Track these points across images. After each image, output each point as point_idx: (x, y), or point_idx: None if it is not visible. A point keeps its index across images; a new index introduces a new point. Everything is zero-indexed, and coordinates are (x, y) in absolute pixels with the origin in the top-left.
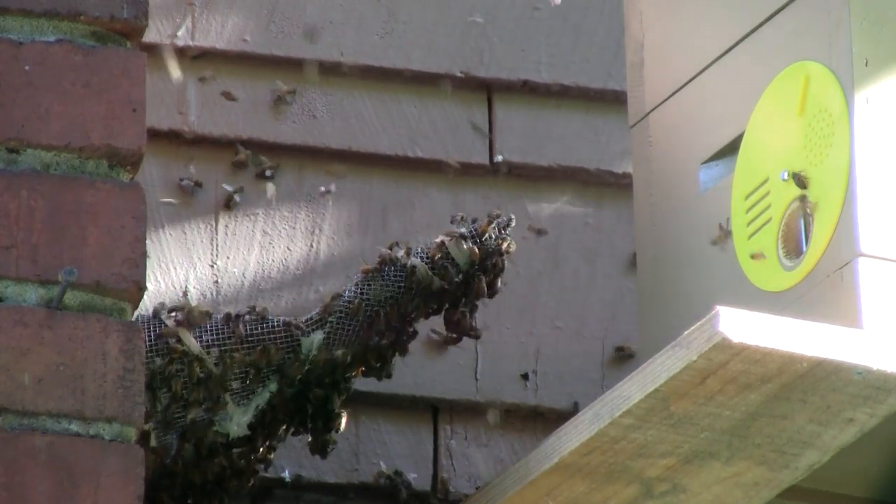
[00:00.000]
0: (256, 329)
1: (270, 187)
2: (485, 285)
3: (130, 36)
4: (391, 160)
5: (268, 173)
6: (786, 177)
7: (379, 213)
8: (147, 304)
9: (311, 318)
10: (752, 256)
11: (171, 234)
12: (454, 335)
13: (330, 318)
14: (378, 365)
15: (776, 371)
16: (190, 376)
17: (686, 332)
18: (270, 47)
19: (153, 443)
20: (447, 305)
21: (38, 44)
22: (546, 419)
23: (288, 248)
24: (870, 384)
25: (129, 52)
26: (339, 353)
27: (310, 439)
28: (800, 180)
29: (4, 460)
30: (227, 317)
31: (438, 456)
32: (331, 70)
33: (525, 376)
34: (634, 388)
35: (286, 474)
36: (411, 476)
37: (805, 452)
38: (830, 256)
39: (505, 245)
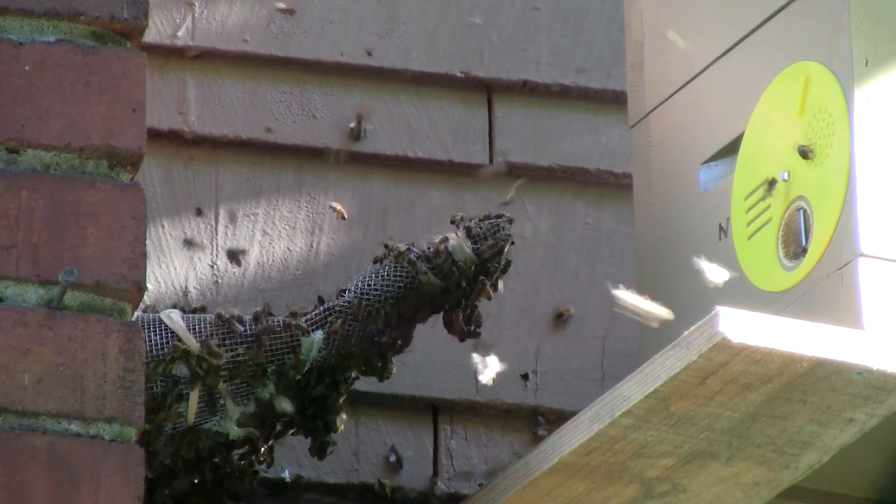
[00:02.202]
0: (255, 328)
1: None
2: (490, 288)
3: (130, 36)
4: (391, 160)
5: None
6: (786, 177)
7: (379, 213)
8: (146, 304)
9: (311, 318)
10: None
11: (171, 234)
12: (458, 336)
13: (330, 318)
14: (378, 365)
15: (776, 371)
16: (191, 376)
17: (686, 332)
18: (270, 47)
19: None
20: (447, 306)
21: (38, 44)
22: (546, 419)
23: (288, 249)
24: (870, 384)
25: (129, 52)
26: (351, 354)
27: (309, 441)
28: (804, 153)
29: (4, 460)
30: (219, 316)
31: (438, 456)
32: (332, 70)
33: (525, 376)
34: (634, 388)
35: (286, 474)
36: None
37: (805, 452)
38: (830, 256)
39: (506, 246)
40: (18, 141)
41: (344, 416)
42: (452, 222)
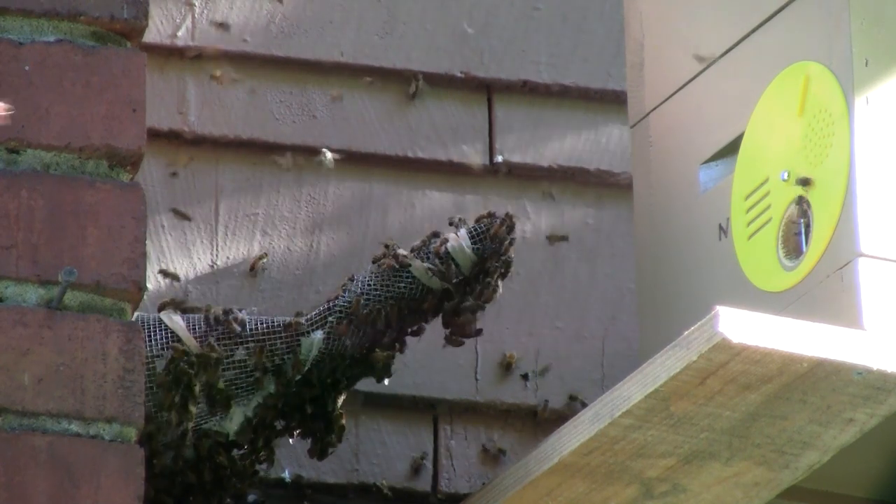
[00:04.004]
0: (256, 328)
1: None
2: (492, 288)
3: (130, 36)
4: (391, 160)
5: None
6: (786, 177)
7: (379, 213)
8: (147, 305)
9: (311, 318)
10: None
11: (171, 234)
12: (456, 337)
13: (330, 318)
14: (379, 365)
15: (776, 371)
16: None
17: (686, 332)
18: (270, 47)
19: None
20: (446, 306)
21: (38, 44)
22: (546, 419)
23: (288, 249)
24: (870, 384)
25: (129, 52)
26: (351, 354)
27: (310, 442)
28: (803, 181)
29: (4, 460)
30: (218, 316)
31: (438, 456)
32: (331, 70)
33: (525, 376)
34: (634, 388)
35: (286, 474)
36: (409, 476)
37: (805, 453)
38: (830, 256)
39: (506, 246)
40: (18, 141)
41: (343, 417)
42: (451, 223)
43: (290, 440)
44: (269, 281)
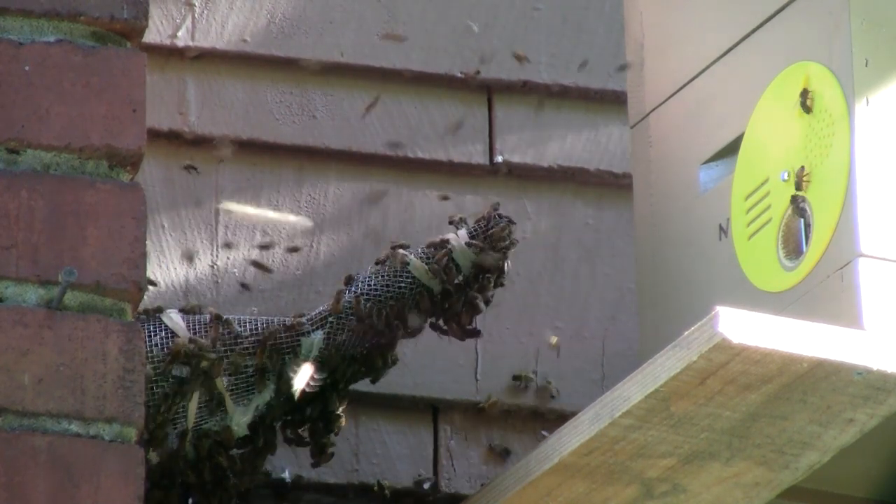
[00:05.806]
0: (256, 328)
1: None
2: (491, 288)
3: (130, 36)
4: (391, 160)
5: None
6: (786, 177)
7: (379, 213)
8: (147, 304)
9: (311, 318)
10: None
11: (171, 234)
12: (456, 336)
13: (330, 318)
14: (380, 366)
15: (776, 371)
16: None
17: (686, 333)
18: (270, 47)
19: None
20: (447, 306)
21: (38, 44)
22: (546, 419)
23: (288, 249)
24: (870, 385)
25: (129, 52)
26: (352, 355)
27: (310, 442)
28: (798, 181)
29: (4, 460)
30: (218, 318)
31: (438, 456)
32: (331, 70)
33: (525, 376)
34: (634, 388)
35: (286, 474)
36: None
37: (805, 453)
38: (830, 256)
39: (506, 243)
40: (18, 141)
41: (343, 417)
42: (451, 223)
43: (289, 435)
44: (269, 281)
